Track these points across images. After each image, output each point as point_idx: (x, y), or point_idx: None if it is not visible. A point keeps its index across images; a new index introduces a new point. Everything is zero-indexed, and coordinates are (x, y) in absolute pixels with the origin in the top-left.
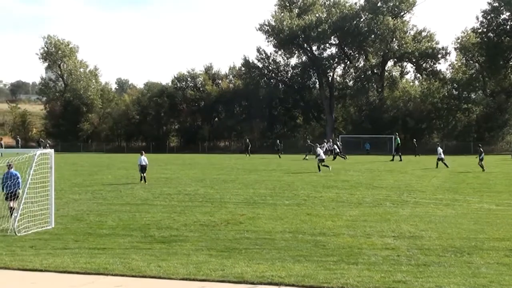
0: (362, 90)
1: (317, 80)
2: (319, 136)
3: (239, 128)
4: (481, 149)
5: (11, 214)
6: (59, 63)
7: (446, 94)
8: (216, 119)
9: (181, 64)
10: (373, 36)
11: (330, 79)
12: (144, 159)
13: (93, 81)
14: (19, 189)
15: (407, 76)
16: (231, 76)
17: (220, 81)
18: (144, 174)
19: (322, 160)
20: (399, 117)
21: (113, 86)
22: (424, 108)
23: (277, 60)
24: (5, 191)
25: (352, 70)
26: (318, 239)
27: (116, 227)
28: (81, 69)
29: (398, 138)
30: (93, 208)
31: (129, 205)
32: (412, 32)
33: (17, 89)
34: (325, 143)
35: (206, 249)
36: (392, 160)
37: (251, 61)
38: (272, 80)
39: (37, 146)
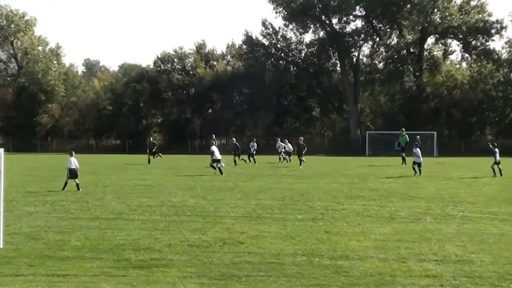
0: (395, 74)
1: (338, 62)
2: (340, 132)
3: (239, 122)
4: (496, 148)
5: None
6: (12, 39)
7: (502, 79)
8: (210, 110)
9: (166, 41)
10: (409, 6)
11: (354, 60)
12: (74, 161)
13: (55, 62)
14: None
15: (452, 57)
16: (229, 56)
17: (215, 63)
18: (77, 181)
19: (217, 161)
20: (442, 108)
21: (80, 68)
22: (474, 97)
23: (288, 36)
24: None
25: (382, 49)
26: (339, 264)
27: (82, 247)
28: (40, 48)
29: (406, 135)
30: (52, 223)
31: (98, 220)
32: (458, 1)
33: None
34: (281, 143)
35: (196, 277)
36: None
37: (254, 38)
38: (281, 62)
39: None
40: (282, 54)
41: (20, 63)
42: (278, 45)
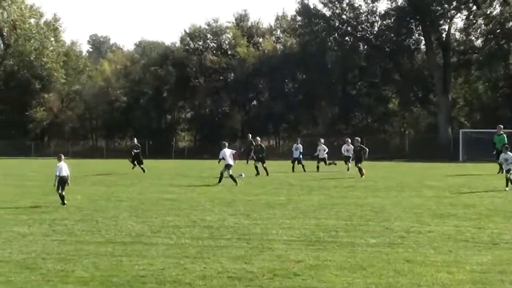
0: (497, 53)
1: (422, 38)
2: (426, 130)
3: (292, 117)
4: None
5: None
6: None
7: None
8: (255, 102)
9: (196, 12)
10: None
11: (444, 36)
12: (65, 167)
13: (52, 39)
14: None
15: None
16: (278, 31)
17: (260, 40)
18: (63, 192)
19: (228, 167)
20: None
21: (85, 47)
22: None
23: (356, 5)
24: None
25: (480, 21)
26: None
27: (90, 280)
28: (32, 20)
29: (504, 135)
30: (52, 248)
31: (111, 244)
32: None
33: None
34: (324, 145)
35: None
36: (500, 171)
37: (312, 6)
38: (347, 38)
39: None
40: (349, 28)
41: (6, 40)
42: (344, 16)
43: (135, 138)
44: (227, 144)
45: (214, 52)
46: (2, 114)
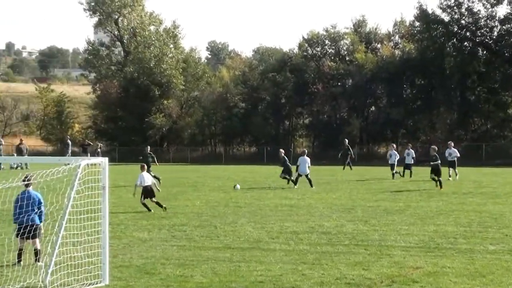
0: None
1: None
2: None
3: (410, 123)
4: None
5: (36, 260)
6: (116, 17)
7: None
8: (373, 108)
9: (314, 18)
10: None
11: None
12: (148, 177)
13: (171, 46)
14: (40, 221)
15: None
16: (397, 37)
17: (378, 45)
18: (155, 200)
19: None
20: None
21: (203, 54)
22: None
23: (475, 10)
24: (17, 223)
25: None
26: None
27: (210, 285)
28: (152, 27)
29: None
30: (171, 254)
31: (229, 250)
32: None
33: (49, 61)
34: (395, 151)
35: None
36: None
37: (431, 12)
38: (466, 43)
39: (82, 153)
40: (468, 33)
41: (127, 47)
42: (462, 21)
43: (148, 146)
44: (306, 151)
45: (332, 58)
46: (122, 121)
